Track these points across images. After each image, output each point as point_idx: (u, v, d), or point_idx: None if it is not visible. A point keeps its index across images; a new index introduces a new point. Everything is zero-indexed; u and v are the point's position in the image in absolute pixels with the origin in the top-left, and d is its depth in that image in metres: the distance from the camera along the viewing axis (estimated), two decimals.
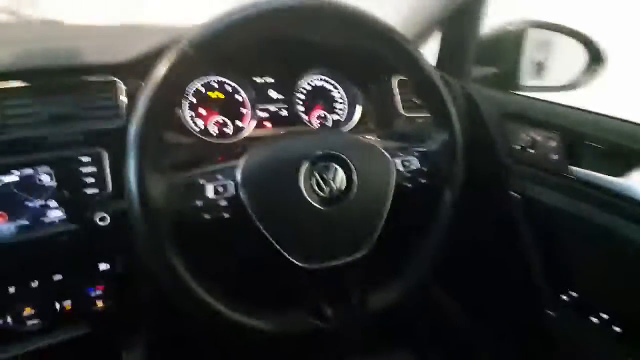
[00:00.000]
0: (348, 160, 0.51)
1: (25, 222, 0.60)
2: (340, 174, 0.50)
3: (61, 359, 0.67)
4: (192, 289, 0.44)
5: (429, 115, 0.59)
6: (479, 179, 0.81)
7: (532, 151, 0.77)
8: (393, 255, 0.57)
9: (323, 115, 0.92)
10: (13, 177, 0.58)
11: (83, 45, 0.68)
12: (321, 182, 0.49)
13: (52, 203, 0.62)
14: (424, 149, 0.60)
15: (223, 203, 0.47)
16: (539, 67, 0.99)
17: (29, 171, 0.59)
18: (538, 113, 0.79)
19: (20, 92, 0.59)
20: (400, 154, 0.57)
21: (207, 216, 0.46)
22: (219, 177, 0.48)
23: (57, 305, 0.65)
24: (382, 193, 0.53)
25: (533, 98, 0.86)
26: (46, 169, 0.60)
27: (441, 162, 0.58)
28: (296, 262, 0.48)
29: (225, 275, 0.54)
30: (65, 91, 0.62)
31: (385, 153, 0.55)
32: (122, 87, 0.65)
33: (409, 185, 0.56)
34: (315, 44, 0.79)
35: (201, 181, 0.47)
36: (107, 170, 0.63)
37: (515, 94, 0.91)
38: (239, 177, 0.48)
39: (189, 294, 0.45)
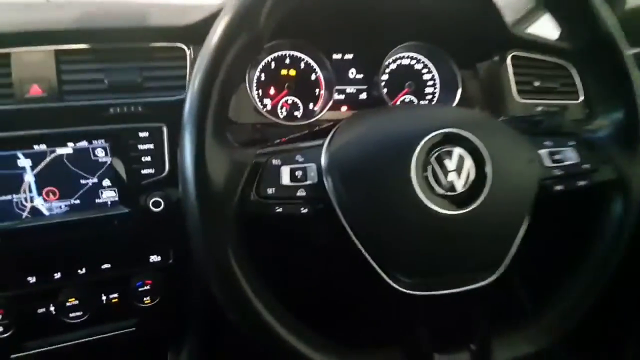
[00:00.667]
0: (479, 145, 0.35)
1: (76, 201, 0.53)
2: (468, 165, 0.35)
3: (103, 355, 0.61)
4: (253, 306, 0.32)
5: (597, 94, 0.41)
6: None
7: None
8: (533, 287, 0.40)
9: (408, 100, 0.76)
10: (67, 150, 0.52)
11: (149, 9, 0.61)
12: (440, 174, 0.34)
13: (106, 182, 0.55)
14: (585, 137, 0.42)
15: (301, 193, 0.35)
16: None
17: (83, 144, 0.53)
18: None
19: (80, 55, 0.53)
20: (547, 143, 0.40)
21: (279, 209, 0.34)
22: (298, 158, 0.36)
23: (104, 298, 0.58)
24: (521, 196, 0.36)
25: None
26: (102, 142, 0.54)
27: (613, 154, 0.40)
28: (396, 287, 0.34)
29: (301, 293, 0.41)
30: (128, 57, 0.55)
31: (528, 140, 0.39)
32: (189, 54, 0.57)
33: (561, 187, 0.39)
34: (407, 11, 0.65)
35: (275, 161, 0.35)
36: (166, 149, 0.54)
37: None
38: (324, 160, 0.35)
39: (248, 311, 0.33)
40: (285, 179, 0.35)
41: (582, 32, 0.39)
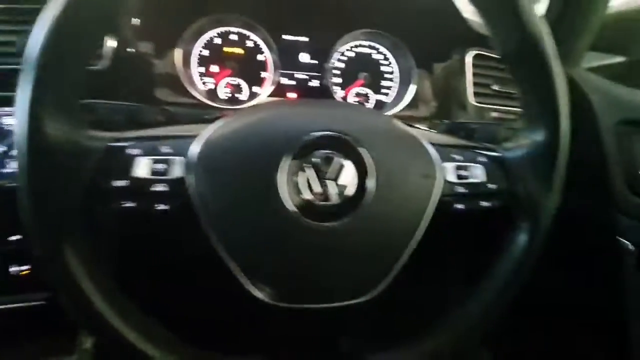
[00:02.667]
0: (362, 151, 0.31)
1: None
2: (349, 173, 0.31)
3: (13, 326, 0.60)
4: (93, 304, 0.30)
5: (517, 106, 0.37)
6: (577, 214, 0.56)
7: None
8: (417, 307, 0.37)
9: (364, 93, 0.71)
10: None
11: None
12: (314, 181, 0.31)
13: (14, 151, 0.52)
14: (498, 154, 0.38)
15: (159, 188, 0.31)
16: None
17: None
18: None
19: None
20: (456, 156, 0.36)
21: (130, 204, 0.31)
22: (164, 149, 0.32)
23: (14, 269, 0.56)
24: (410, 213, 0.33)
25: None
26: (10, 110, 0.50)
27: (525, 178, 0.36)
28: (259, 296, 0.31)
29: (151, 296, 0.39)
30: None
31: (430, 149, 0.35)
32: None
33: (462, 206, 0.35)
34: None
35: (131, 150, 0.31)
36: None
37: None
38: (191, 153, 0.32)
39: (87, 308, 0.30)
40: (142, 171, 0.31)
41: (508, 33, 0.34)
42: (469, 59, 0.63)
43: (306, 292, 0.32)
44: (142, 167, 0.32)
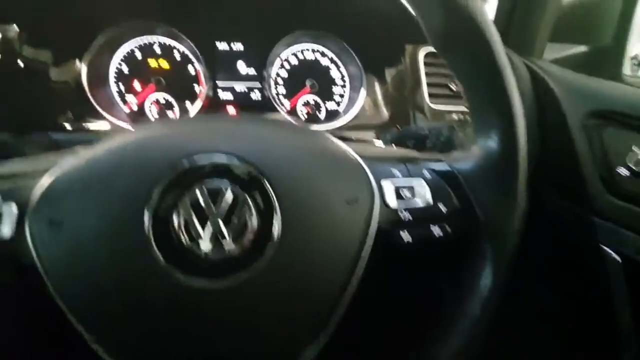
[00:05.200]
0: (266, 179, 0.24)
1: None
2: (246, 209, 0.23)
3: None
4: None
5: (471, 107, 0.29)
6: (547, 222, 0.50)
7: None
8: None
9: (313, 103, 0.64)
10: None
11: None
12: (196, 222, 0.23)
13: None
14: (447, 168, 0.30)
15: None
16: None
17: None
18: None
19: None
20: (396, 172, 0.29)
21: None
22: (6, 187, 0.24)
23: None
24: (342, 249, 0.25)
25: None
26: None
27: (479, 196, 0.29)
28: None
29: None
30: None
31: (363, 166, 0.27)
32: None
33: (407, 235, 0.28)
34: None
35: None
36: None
37: (614, 83, 0.57)
38: (33, 194, 0.23)
39: None
40: None
41: (433, 12, 0.27)
42: (421, 56, 0.57)
43: None
44: None
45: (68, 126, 0.50)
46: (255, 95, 0.63)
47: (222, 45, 0.61)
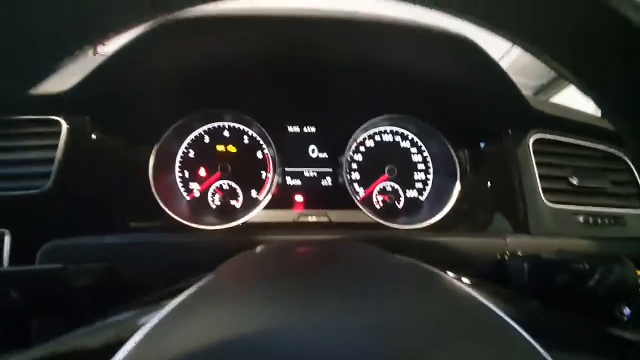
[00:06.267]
0: None
1: None
2: None
3: None
4: None
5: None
6: None
7: None
8: None
9: (390, 189, 0.56)
10: None
11: None
12: None
13: None
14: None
15: None
16: None
17: None
18: None
19: None
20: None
21: None
22: None
23: None
24: None
25: None
26: None
27: None
28: None
29: None
30: None
31: (527, 338, 0.16)
32: (65, 128, 0.42)
33: None
34: (389, 72, 0.47)
35: None
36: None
37: None
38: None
39: None
40: None
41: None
42: (530, 144, 0.47)
43: None
44: None
45: (128, 223, 0.45)
46: (326, 182, 0.56)
47: (293, 129, 0.56)
